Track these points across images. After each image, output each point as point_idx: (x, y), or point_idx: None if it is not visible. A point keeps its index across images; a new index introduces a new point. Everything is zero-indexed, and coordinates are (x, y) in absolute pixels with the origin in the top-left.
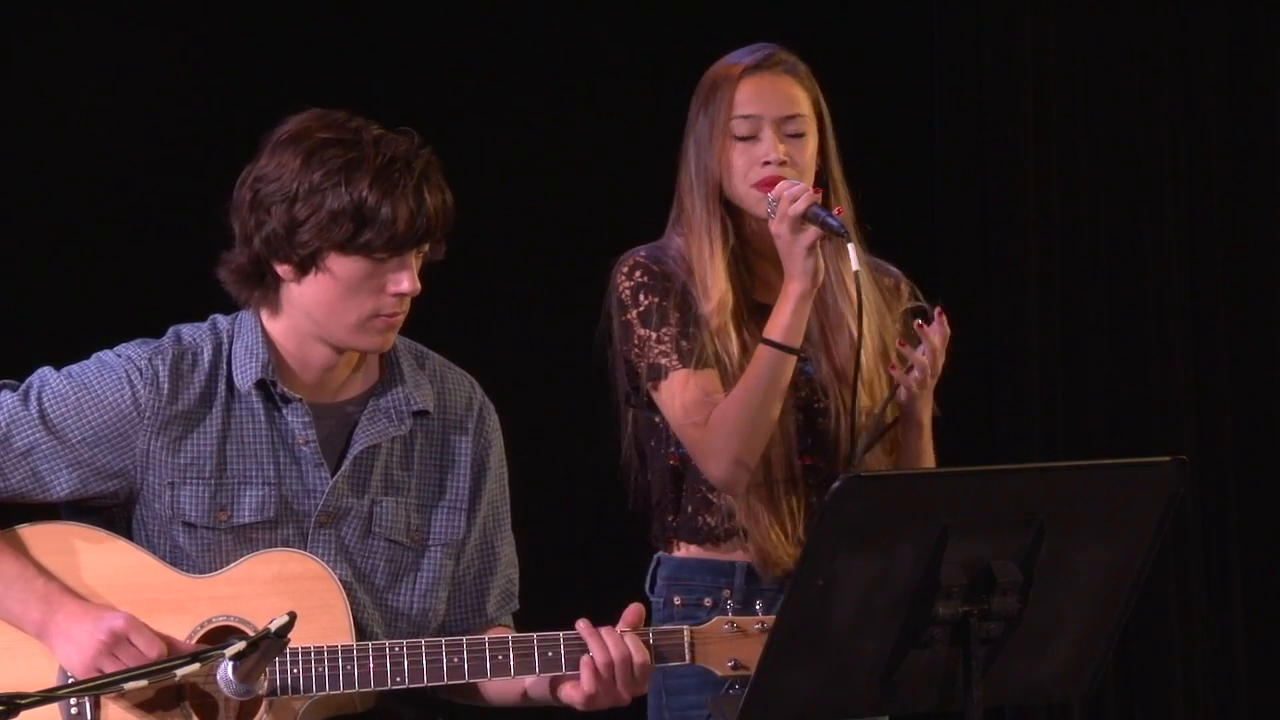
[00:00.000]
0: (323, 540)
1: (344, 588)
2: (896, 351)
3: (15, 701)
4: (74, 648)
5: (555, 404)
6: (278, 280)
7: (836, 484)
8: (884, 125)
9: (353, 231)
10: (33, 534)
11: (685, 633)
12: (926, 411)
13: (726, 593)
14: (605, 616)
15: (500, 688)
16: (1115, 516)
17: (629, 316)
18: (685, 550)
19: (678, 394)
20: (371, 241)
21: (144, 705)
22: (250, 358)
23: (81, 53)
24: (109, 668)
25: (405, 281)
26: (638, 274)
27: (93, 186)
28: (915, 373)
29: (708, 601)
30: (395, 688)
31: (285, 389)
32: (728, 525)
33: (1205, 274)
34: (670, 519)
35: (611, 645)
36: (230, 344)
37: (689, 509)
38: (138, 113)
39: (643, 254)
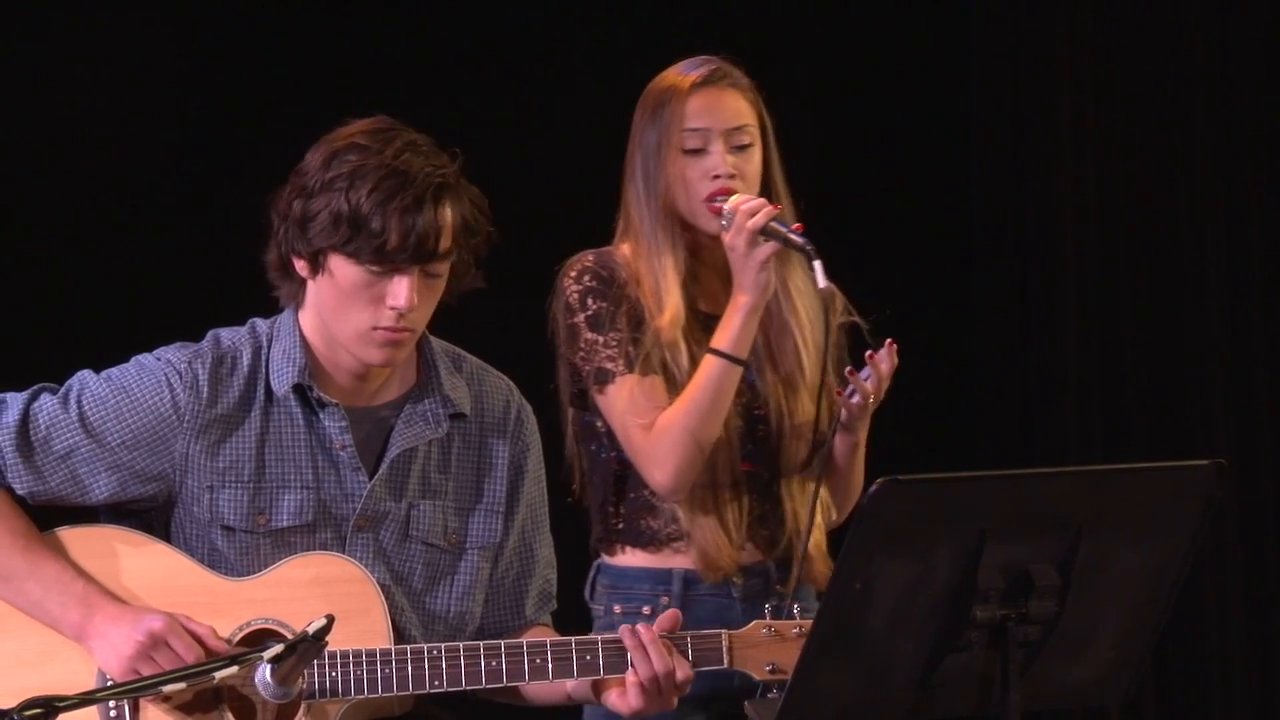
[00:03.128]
0: (360, 544)
1: (382, 591)
2: (842, 376)
3: (54, 704)
4: (112, 650)
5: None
6: (300, 278)
7: (874, 488)
8: (921, 130)
9: (348, 236)
10: (72, 536)
11: (723, 637)
12: (864, 432)
13: (665, 600)
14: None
15: (541, 689)
16: (1153, 520)
17: (576, 320)
18: (627, 555)
19: (623, 399)
20: (361, 249)
21: (182, 707)
22: (288, 362)
23: (97, 51)
24: (147, 670)
25: (401, 297)
26: (586, 278)
27: (116, 187)
28: (857, 398)
29: (646, 609)
30: (434, 691)
31: (321, 394)
32: (670, 529)
33: (1243, 276)
34: (613, 522)
35: (656, 660)
36: (269, 348)
37: (632, 513)
38: (175, 112)
39: (591, 258)
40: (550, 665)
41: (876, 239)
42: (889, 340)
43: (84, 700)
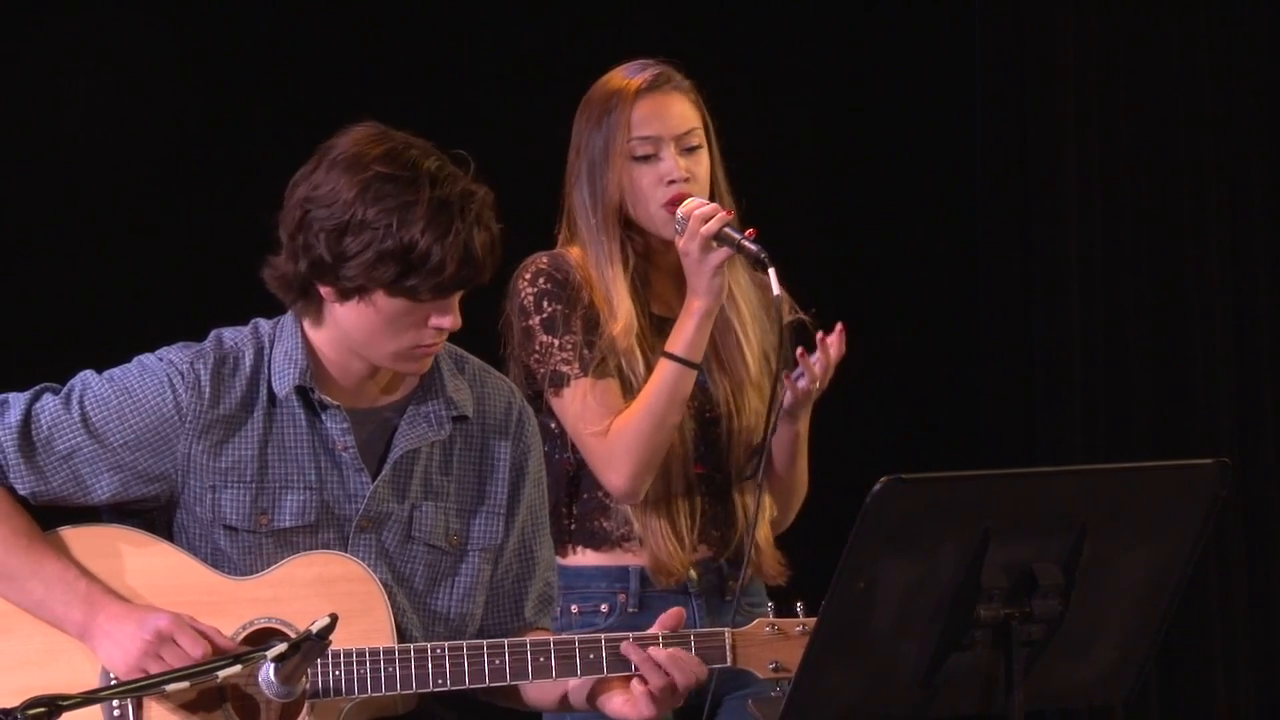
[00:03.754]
0: (363, 545)
1: (384, 585)
2: (792, 357)
3: (57, 703)
4: (117, 648)
5: None
6: (320, 298)
7: (877, 486)
8: (925, 126)
9: (398, 274)
10: (75, 536)
11: (727, 635)
12: (805, 422)
13: (622, 597)
14: None
15: (540, 692)
16: (1157, 519)
17: (531, 322)
18: (581, 555)
19: (577, 403)
20: (418, 286)
21: (186, 706)
22: (289, 364)
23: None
24: (153, 667)
25: (448, 319)
26: (541, 280)
27: (116, 186)
28: (803, 382)
29: (604, 608)
30: (437, 689)
31: (323, 396)
32: (623, 530)
33: (1247, 274)
34: (566, 523)
35: (671, 669)
36: (271, 349)
37: (585, 514)
38: (175, 111)
39: (545, 260)
40: (554, 664)
41: (882, 239)
42: (839, 325)
43: (87, 699)
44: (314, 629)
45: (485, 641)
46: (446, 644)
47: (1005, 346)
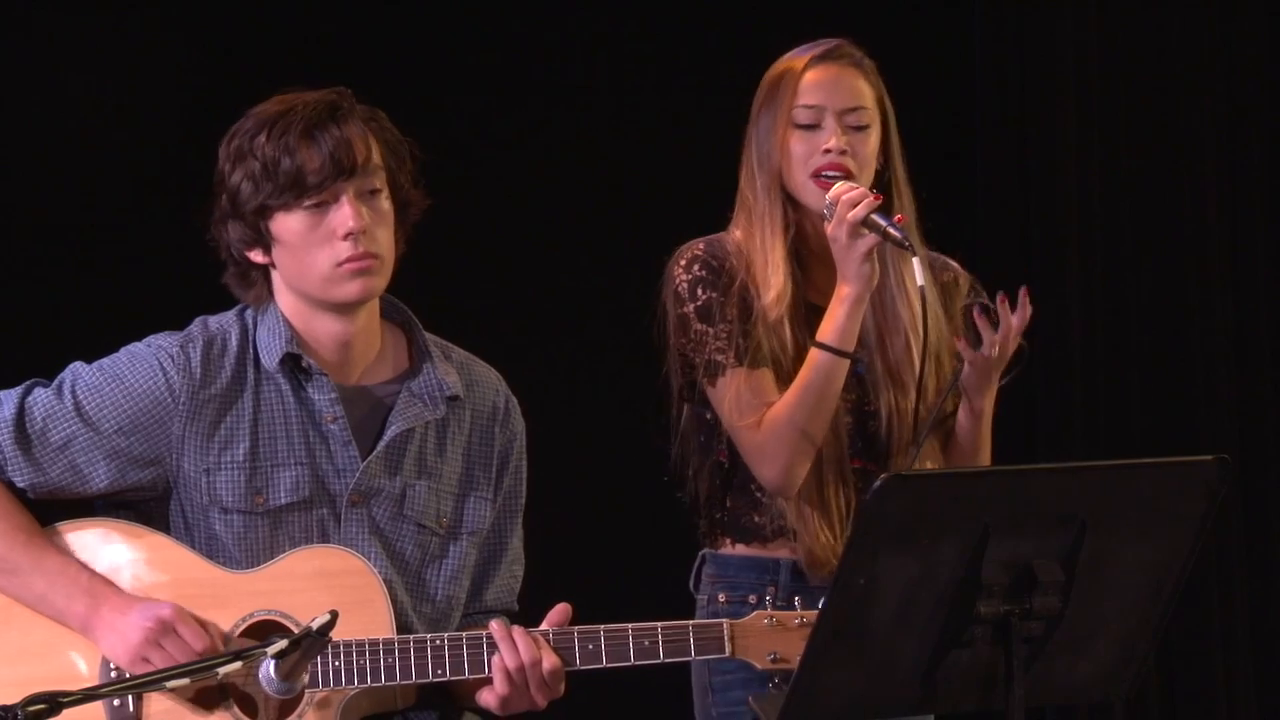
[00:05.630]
0: (355, 519)
1: (384, 578)
2: (967, 326)
3: (57, 700)
4: (120, 638)
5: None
6: (262, 269)
7: (877, 484)
8: (926, 123)
9: (271, 188)
10: (74, 531)
11: (725, 626)
12: (989, 398)
13: (772, 590)
14: (646, 613)
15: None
16: (1157, 515)
17: (686, 310)
18: (732, 548)
19: (732, 393)
20: (286, 191)
21: (187, 701)
22: (274, 337)
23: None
24: (155, 657)
25: (347, 219)
26: (696, 267)
27: (115, 185)
28: (985, 348)
29: (752, 599)
30: (436, 680)
31: (310, 360)
32: (776, 525)
33: (1247, 271)
34: (718, 515)
35: (522, 649)
36: (255, 329)
37: (738, 507)
38: (154, 108)
39: (701, 247)
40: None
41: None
42: (1023, 288)
43: (88, 696)
44: (314, 625)
45: (484, 633)
46: (446, 635)
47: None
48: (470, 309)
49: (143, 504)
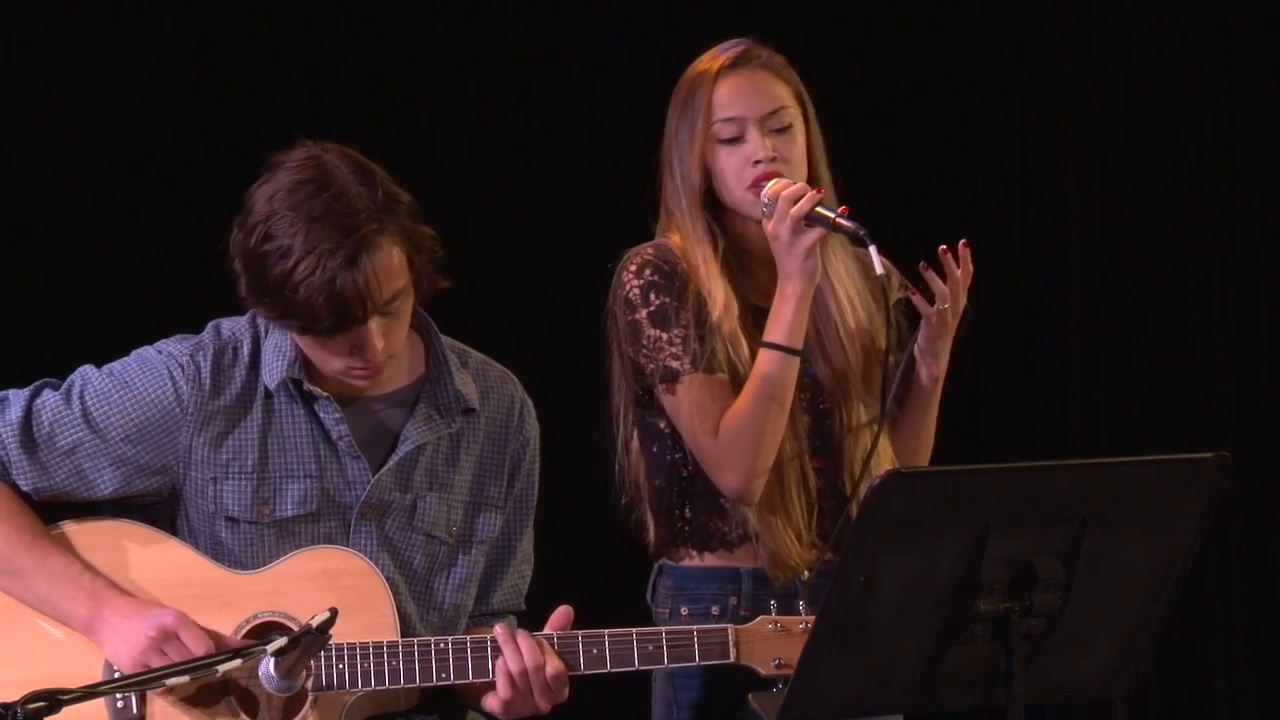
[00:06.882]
0: (365, 532)
1: (387, 580)
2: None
3: (57, 698)
4: (123, 643)
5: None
6: None
7: (877, 481)
8: (925, 112)
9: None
10: (78, 531)
11: (729, 631)
12: (944, 360)
13: (734, 600)
14: (646, 617)
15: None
16: (1158, 513)
17: (638, 316)
18: (692, 558)
19: (692, 399)
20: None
21: (189, 700)
22: (278, 356)
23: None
24: (156, 663)
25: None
26: (647, 272)
27: (114, 184)
28: (939, 304)
29: (715, 610)
30: (440, 683)
31: (312, 387)
32: (739, 532)
33: (1248, 268)
34: (679, 525)
35: (526, 653)
36: (265, 337)
37: (699, 516)
38: (168, 107)
39: (650, 251)
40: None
41: (881, 233)
42: (962, 241)
43: (87, 693)
44: (313, 623)
45: (488, 636)
46: (450, 639)
47: (1005, 340)
48: (482, 309)
49: (149, 506)
